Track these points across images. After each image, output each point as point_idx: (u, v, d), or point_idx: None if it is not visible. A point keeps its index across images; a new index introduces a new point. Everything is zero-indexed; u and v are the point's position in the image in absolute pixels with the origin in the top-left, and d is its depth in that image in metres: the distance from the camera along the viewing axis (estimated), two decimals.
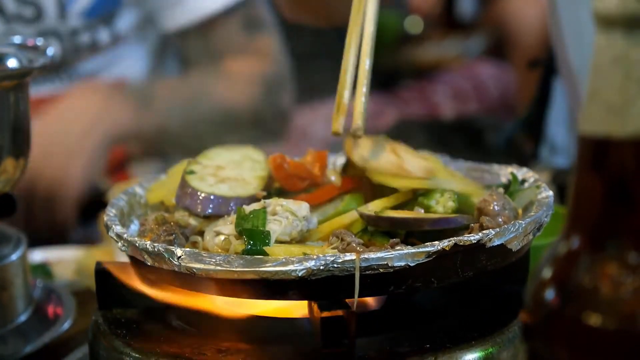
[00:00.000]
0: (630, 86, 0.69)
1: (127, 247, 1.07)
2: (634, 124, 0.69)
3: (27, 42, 1.40)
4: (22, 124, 1.33)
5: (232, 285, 1.00)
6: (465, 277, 1.03)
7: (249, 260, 0.99)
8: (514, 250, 1.04)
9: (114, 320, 1.11)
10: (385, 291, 1.02)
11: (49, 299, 1.39)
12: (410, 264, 0.98)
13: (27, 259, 1.37)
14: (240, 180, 1.17)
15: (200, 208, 1.13)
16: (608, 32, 0.69)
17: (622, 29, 0.68)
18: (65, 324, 1.32)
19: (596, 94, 0.70)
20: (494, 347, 1.01)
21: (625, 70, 0.69)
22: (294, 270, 0.97)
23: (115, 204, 1.18)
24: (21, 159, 1.34)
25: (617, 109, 0.69)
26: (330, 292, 0.99)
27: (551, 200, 1.11)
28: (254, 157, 1.22)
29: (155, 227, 1.12)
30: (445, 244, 0.99)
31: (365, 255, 0.97)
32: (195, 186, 1.14)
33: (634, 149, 0.69)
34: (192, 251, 1.01)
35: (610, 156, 0.70)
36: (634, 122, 0.69)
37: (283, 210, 1.07)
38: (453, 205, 1.11)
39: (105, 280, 1.12)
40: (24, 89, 1.34)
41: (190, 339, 1.05)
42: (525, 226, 1.04)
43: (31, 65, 1.33)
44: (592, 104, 0.71)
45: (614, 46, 0.69)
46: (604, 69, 0.70)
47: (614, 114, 0.69)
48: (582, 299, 0.70)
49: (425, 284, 1.01)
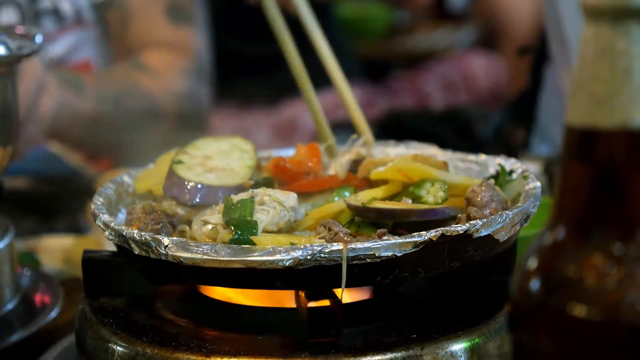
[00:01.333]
0: (616, 77, 0.69)
1: (114, 235, 1.07)
2: (619, 114, 0.69)
3: (15, 29, 1.40)
4: (10, 112, 1.33)
5: (219, 275, 1.00)
6: (452, 267, 1.03)
7: (236, 249, 0.99)
8: (501, 240, 1.05)
9: (100, 309, 1.10)
10: (372, 281, 1.02)
11: (36, 288, 1.39)
12: (397, 254, 0.98)
13: (14, 247, 1.37)
14: (228, 170, 1.17)
15: (188, 197, 1.13)
16: (595, 23, 0.69)
17: (609, 20, 0.68)
18: (52, 313, 1.32)
19: (582, 84, 0.70)
20: (480, 337, 1.01)
21: (611, 61, 0.69)
22: (281, 259, 0.97)
23: (102, 193, 1.18)
24: (8, 146, 1.34)
25: (603, 99, 0.69)
26: (317, 282, 0.99)
27: (539, 191, 1.12)
28: (242, 146, 1.22)
29: (143, 216, 1.12)
30: (432, 234, 0.99)
31: (353, 245, 0.97)
32: (183, 175, 1.14)
33: (619, 140, 0.69)
34: (179, 240, 1.01)
35: (596, 147, 0.70)
36: (619, 113, 0.69)
37: (271, 200, 1.07)
38: (443, 195, 1.11)
39: (93, 269, 1.12)
40: (12, 76, 1.33)
41: (176, 328, 1.05)
42: (512, 217, 1.05)
43: (20, 52, 1.33)
44: (578, 94, 0.71)
45: (601, 37, 0.69)
46: (591, 60, 0.70)
47: (600, 104, 0.69)
48: (567, 289, 0.70)
49: (413, 274, 1.01)
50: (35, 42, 1.35)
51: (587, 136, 0.70)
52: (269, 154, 1.29)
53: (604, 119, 0.69)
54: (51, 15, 2.05)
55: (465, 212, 1.08)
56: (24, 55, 1.33)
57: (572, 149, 0.72)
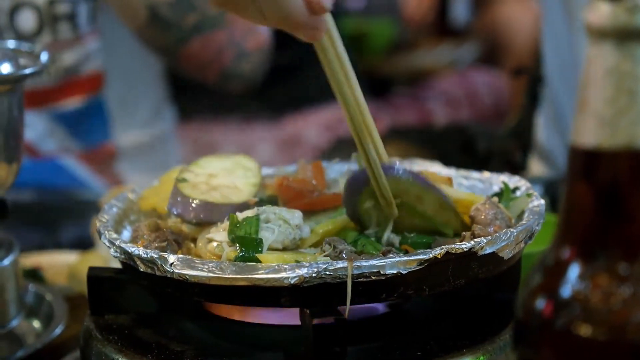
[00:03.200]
0: (621, 98, 0.69)
1: (119, 253, 1.07)
2: (624, 135, 0.69)
3: (20, 47, 1.40)
4: (15, 129, 1.33)
5: (225, 292, 1.01)
6: (457, 285, 1.03)
7: (241, 267, 0.99)
8: (506, 258, 1.05)
9: (105, 326, 1.11)
10: (377, 299, 1.02)
11: (41, 304, 1.39)
12: (402, 271, 0.98)
13: (18, 264, 1.37)
14: (233, 188, 1.17)
15: (193, 215, 1.13)
16: (599, 43, 0.70)
17: (614, 41, 0.69)
18: (57, 329, 1.32)
19: (587, 105, 0.71)
20: (485, 355, 1.02)
21: (616, 81, 0.69)
22: (286, 277, 0.97)
23: (108, 210, 1.19)
24: (14, 163, 1.34)
25: (607, 120, 0.70)
26: (322, 300, 0.99)
27: (542, 208, 1.12)
28: (246, 164, 1.22)
29: (148, 234, 1.12)
30: (437, 251, 0.99)
31: (358, 263, 0.98)
32: (188, 194, 1.14)
33: (624, 160, 0.70)
34: (185, 258, 1.02)
35: (600, 167, 0.71)
36: (624, 133, 0.69)
37: (276, 218, 1.08)
38: None
39: (98, 286, 1.12)
40: (17, 94, 1.34)
41: (181, 346, 1.05)
42: (516, 234, 1.05)
43: (25, 70, 1.33)
44: (583, 115, 0.71)
45: (605, 58, 0.70)
46: (595, 81, 0.70)
47: (605, 125, 0.70)
48: (572, 309, 0.70)
49: (417, 291, 1.02)
50: (41, 60, 1.35)
51: (592, 156, 0.71)
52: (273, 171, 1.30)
53: (609, 139, 0.70)
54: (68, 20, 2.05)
55: (470, 229, 1.08)
56: (29, 73, 1.33)
57: (577, 168, 0.72)
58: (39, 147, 2.07)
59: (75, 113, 2.08)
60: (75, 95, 2.08)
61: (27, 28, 1.97)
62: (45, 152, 2.08)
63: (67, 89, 2.06)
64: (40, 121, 2.05)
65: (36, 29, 1.99)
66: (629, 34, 0.68)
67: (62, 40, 2.04)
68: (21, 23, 1.98)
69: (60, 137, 2.08)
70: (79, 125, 2.09)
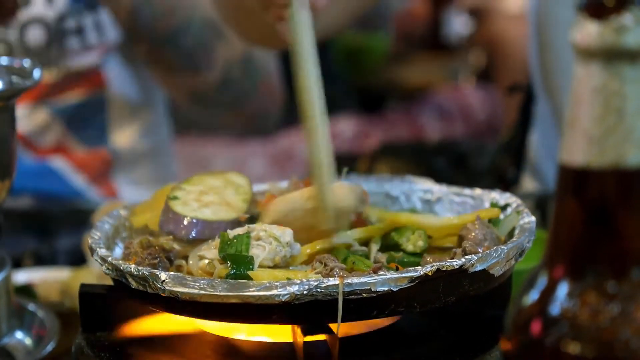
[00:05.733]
0: (609, 117, 0.70)
1: (111, 270, 1.07)
2: (612, 154, 0.70)
3: (13, 64, 1.41)
4: (8, 145, 1.33)
5: (216, 309, 1.01)
6: (447, 302, 1.03)
7: (232, 284, 0.99)
8: (497, 275, 1.05)
9: (97, 344, 1.10)
10: (368, 316, 1.02)
11: (33, 320, 1.39)
12: (393, 288, 0.99)
13: (10, 280, 1.37)
14: (224, 205, 1.17)
15: (184, 232, 1.13)
16: (587, 63, 0.70)
17: (601, 60, 0.69)
18: (48, 346, 1.32)
19: (575, 123, 0.71)
20: None
21: (604, 101, 0.70)
22: (277, 295, 0.97)
23: (100, 227, 1.19)
24: (6, 180, 1.34)
25: (596, 139, 0.70)
26: (313, 317, 0.99)
27: (533, 225, 1.12)
28: (237, 181, 1.22)
29: (140, 251, 1.12)
30: (428, 269, 1.00)
31: (349, 280, 0.98)
32: (179, 211, 1.15)
33: (612, 179, 0.70)
34: (176, 275, 1.02)
35: (589, 185, 0.71)
36: (612, 152, 0.70)
37: (267, 235, 1.08)
38: (422, 245, 1.13)
39: (90, 303, 1.12)
40: (9, 110, 1.34)
41: None
42: (507, 251, 1.05)
43: (17, 87, 1.33)
44: (571, 133, 0.71)
45: (593, 77, 0.70)
46: (583, 99, 0.71)
47: (593, 143, 0.70)
48: (560, 326, 0.70)
49: (408, 308, 1.02)
50: (34, 78, 1.36)
51: (580, 174, 0.71)
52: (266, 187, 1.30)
53: (597, 157, 0.70)
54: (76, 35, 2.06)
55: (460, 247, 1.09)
56: (20, 89, 1.33)
57: (565, 186, 0.73)
58: (36, 141, 2.07)
59: (76, 107, 2.08)
60: (77, 89, 2.08)
61: (36, 43, 1.98)
62: (41, 147, 2.08)
63: (70, 84, 2.07)
64: (40, 114, 2.05)
65: (45, 44, 2.00)
66: (616, 54, 0.69)
67: (69, 49, 2.05)
68: (31, 38, 1.99)
69: (58, 131, 2.08)
70: (78, 120, 2.09)
